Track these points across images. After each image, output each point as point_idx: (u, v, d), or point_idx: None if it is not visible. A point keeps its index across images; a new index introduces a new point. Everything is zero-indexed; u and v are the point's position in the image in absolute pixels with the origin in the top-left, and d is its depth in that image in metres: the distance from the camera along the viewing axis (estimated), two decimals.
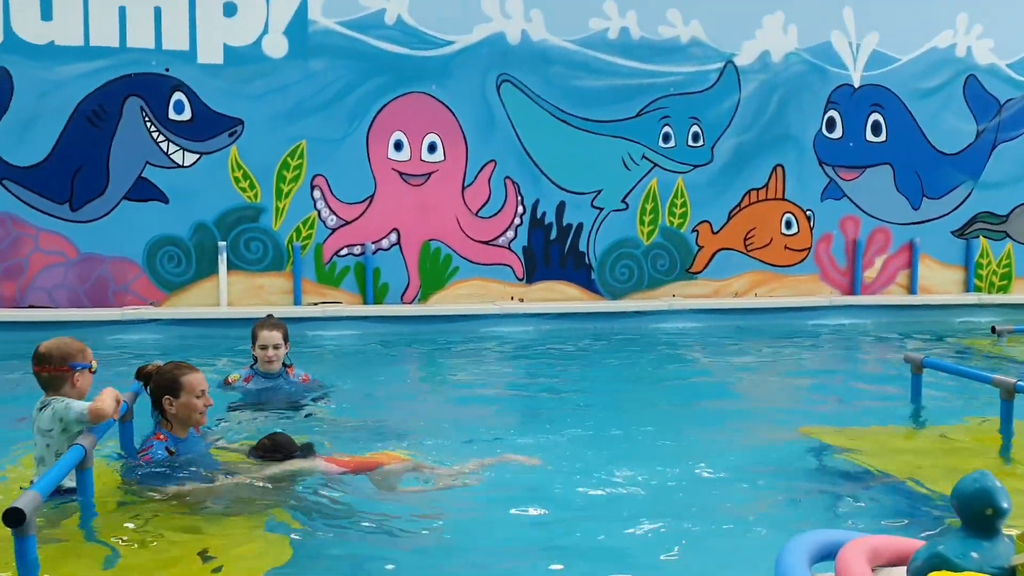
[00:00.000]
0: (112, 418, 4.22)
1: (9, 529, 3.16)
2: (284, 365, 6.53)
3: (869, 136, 11.99)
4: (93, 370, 4.38)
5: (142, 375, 4.91)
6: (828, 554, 2.78)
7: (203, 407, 4.77)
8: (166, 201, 10.20)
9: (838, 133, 11.91)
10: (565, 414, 6.62)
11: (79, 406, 4.13)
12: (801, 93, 11.74)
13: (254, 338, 6.44)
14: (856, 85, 11.88)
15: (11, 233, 9.94)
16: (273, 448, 4.84)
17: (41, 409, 4.23)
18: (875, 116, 11.97)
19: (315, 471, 4.69)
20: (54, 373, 4.24)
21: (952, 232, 12.41)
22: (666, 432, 6.03)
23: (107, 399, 4.14)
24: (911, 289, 12.27)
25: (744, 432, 5.95)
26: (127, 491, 4.41)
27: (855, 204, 12.06)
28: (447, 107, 10.78)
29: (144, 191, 10.15)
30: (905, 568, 2.62)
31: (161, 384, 4.73)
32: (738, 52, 11.51)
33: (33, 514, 3.17)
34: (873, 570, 2.64)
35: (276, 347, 6.38)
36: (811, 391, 7.85)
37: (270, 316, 6.67)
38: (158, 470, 4.50)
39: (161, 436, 4.71)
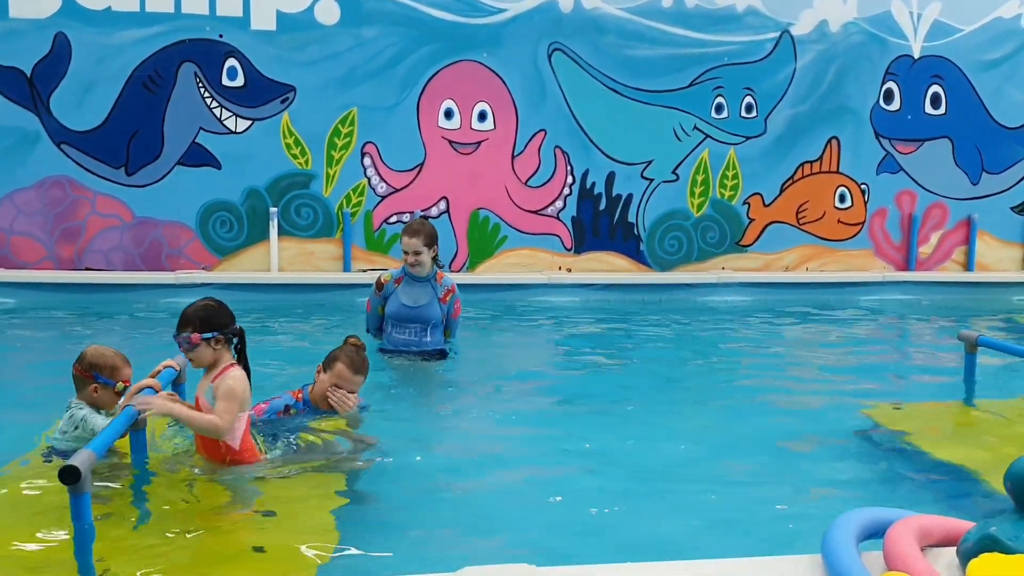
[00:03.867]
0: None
1: (65, 487, 3.23)
2: (438, 266, 6.52)
3: (928, 109, 11.71)
4: (118, 391, 4.25)
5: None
6: (876, 532, 2.76)
7: (335, 397, 4.80)
8: (219, 167, 10.31)
9: (896, 105, 11.64)
10: (611, 387, 6.60)
11: (100, 425, 4.09)
12: (859, 64, 11.48)
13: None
14: (916, 56, 11.59)
15: (69, 196, 10.13)
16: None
17: (68, 408, 4.26)
18: (935, 88, 11.68)
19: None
20: (76, 374, 4.28)
21: (1012, 208, 12.10)
22: (714, 407, 6.00)
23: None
24: (968, 266, 12.02)
25: (793, 409, 5.89)
26: (178, 454, 4.46)
27: (912, 178, 11.82)
28: (498, 76, 10.72)
29: (198, 156, 10.27)
30: (955, 549, 2.59)
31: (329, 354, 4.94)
32: (795, 21, 11.27)
33: (88, 472, 3.24)
34: (922, 550, 2.61)
35: (416, 253, 6.32)
36: (862, 368, 7.74)
37: (415, 220, 6.52)
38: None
39: (299, 395, 4.83)
